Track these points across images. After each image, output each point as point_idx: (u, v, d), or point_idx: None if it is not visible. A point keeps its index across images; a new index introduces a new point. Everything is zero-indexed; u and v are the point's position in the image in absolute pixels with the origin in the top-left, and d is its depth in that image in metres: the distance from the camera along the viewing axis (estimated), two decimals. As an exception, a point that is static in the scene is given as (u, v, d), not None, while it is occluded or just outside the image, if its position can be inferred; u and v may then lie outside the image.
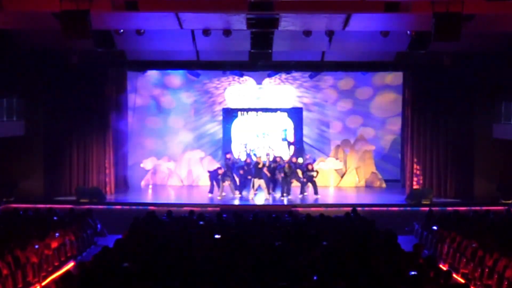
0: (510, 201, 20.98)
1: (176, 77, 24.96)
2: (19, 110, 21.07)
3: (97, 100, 22.56)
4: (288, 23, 16.94)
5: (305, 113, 25.18)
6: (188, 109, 25.32)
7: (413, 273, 10.08)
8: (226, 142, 24.84)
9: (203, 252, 11.76)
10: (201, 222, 15.23)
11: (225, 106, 25.20)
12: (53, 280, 12.71)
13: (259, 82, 25.20)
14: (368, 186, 24.46)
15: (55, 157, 22.48)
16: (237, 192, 21.73)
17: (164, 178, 24.79)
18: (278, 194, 21.65)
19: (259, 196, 21.48)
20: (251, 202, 20.85)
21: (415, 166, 22.63)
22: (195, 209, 17.53)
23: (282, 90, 25.30)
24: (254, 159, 23.88)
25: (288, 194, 21.39)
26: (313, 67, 23.08)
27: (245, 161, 22.23)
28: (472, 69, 21.83)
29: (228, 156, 22.78)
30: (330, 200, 21.76)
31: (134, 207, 20.22)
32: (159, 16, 16.68)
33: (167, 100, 25.16)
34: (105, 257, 11.03)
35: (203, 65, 22.41)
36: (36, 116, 22.05)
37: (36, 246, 13.14)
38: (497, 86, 21.40)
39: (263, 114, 25.04)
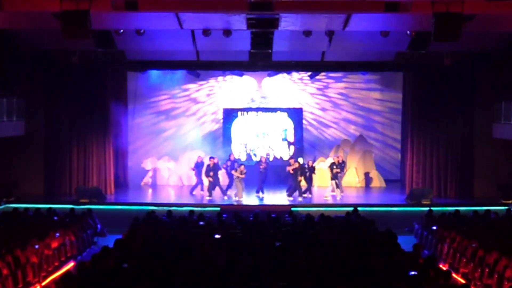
0: (510, 201, 20.99)
1: (176, 77, 24.93)
2: (19, 110, 21.06)
3: (97, 100, 22.57)
4: (288, 23, 16.94)
5: (305, 113, 25.19)
6: (188, 109, 25.30)
7: (413, 273, 10.09)
8: (226, 142, 24.84)
9: (203, 252, 11.76)
10: (201, 222, 15.23)
11: (225, 106, 25.19)
12: (53, 280, 12.73)
13: (259, 82, 25.19)
14: (369, 186, 24.49)
15: (55, 157, 22.49)
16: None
17: (164, 178, 24.80)
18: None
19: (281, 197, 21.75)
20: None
21: (415, 166, 22.63)
22: (195, 209, 17.54)
23: (282, 90, 25.29)
24: (255, 159, 23.92)
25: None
26: (313, 67, 23.08)
27: (260, 161, 22.20)
28: (472, 69, 21.85)
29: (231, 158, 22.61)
30: (330, 200, 21.75)
31: (134, 207, 20.23)
32: (159, 16, 16.68)
33: (167, 100, 25.14)
34: (105, 257, 11.03)
35: (203, 65, 22.41)
36: (36, 116, 22.08)
37: (36, 246, 13.14)
38: (497, 86, 21.41)
39: (263, 114, 25.04)
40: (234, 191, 21.39)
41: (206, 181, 22.17)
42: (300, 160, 23.29)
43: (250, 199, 21.20)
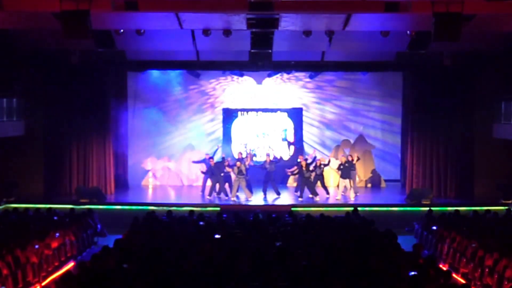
0: (510, 201, 20.99)
1: (176, 77, 24.92)
2: (19, 110, 21.07)
3: (97, 100, 22.58)
4: (288, 23, 16.94)
5: (305, 113, 25.17)
6: (188, 109, 25.27)
7: (413, 273, 10.09)
8: (226, 142, 24.82)
9: (203, 252, 11.76)
10: (201, 222, 15.23)
11: (225, 106, 25.18)
12: (53, 280, 12.73)
13: (259, 82, 25.18)
14: (369, 186, 24.50)
15: (55, 157, 22.50)
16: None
17: (164, 178, 24.80)
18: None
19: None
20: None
21: (415, 166, 22.63)
22: (195, 209, 17.54)
23: (282, 90, 25.28)
24: (255, 159, 23.90)
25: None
26: (313, 67, 23.09)
27: (265, 161, 22.14)
28: (472, 69, 21.85)
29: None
30: (331, 200, 21.75)
31: (134, 207, 20.24)
32: (159, 16, 16.67)
33: (167, 100, 25.12)
34: (105, 257, 11.03)
35: (203, 65, 22.42)
36: (36, 116, 22.08)
37: (36, 246, 13.15)
38: (497, 86, 21.41)
39: (263, 114, 25.03)
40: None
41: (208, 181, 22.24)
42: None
43: (256, 199, 21.24)
